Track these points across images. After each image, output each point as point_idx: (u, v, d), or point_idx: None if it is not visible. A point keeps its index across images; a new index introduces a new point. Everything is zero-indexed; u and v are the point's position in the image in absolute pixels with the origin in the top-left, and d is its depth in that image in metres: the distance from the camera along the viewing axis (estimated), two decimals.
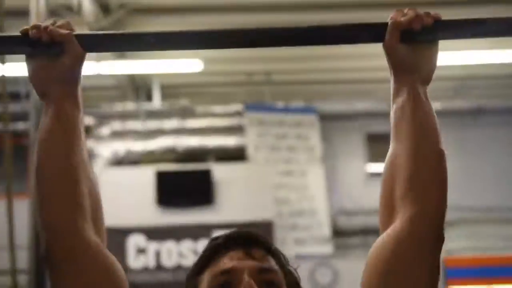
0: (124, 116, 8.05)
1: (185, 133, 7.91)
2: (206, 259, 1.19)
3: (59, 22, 1.22)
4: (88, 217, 1.14)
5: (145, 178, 7.30)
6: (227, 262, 1.14)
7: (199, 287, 1.17)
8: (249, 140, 7.88)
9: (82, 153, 1.18)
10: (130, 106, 8.15)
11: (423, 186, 1.13)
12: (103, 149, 7.83)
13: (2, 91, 4.99)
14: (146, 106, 8.08)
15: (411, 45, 1.20)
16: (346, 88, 7.68)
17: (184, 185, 7.24)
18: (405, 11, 1.20)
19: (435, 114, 1.19)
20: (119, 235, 7.01)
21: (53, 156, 1.15)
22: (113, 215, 7.13)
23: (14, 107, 5.32)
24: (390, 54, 1.21)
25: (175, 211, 7.10)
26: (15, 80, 6.50)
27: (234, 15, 6.29)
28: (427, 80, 1.23)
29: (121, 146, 7.84)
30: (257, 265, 1.14)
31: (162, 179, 7.24)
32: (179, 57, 6.95)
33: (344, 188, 8.36)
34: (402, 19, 1.18)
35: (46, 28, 1.19)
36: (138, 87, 8.17)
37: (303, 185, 7.76)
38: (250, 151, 7.81)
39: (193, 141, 7.83)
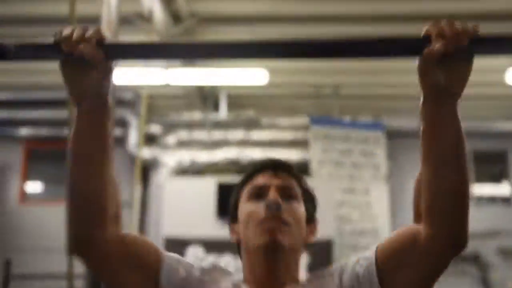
0: (191, 125, 8.10)
1: (249, 145, 7.87)
2: (247, 177, 1.57)
3: (90, 32, 1.26)
4: (112, 217, 1.33)
5: (207, 189, 7.30)
6: (260, 179, 1.53)
7: (241, 196, 1.54)
8: (313, 154, 7.76)
9: (111, 165, 1.33)
10: (197, 115, 8.20)
11: (438, 215, 1.30)
12: (169, 158, 7.91)
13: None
14: (212, 116, 8.12)
15: (445, 65, 1.19)
16: (415, 104, 7.45)
17: None
18: (442, 23, 1.16)
19: (460, 141, 1.26)
20: (178, 246, 7.02)
21: (87, 181, 1.30)
22: (175, 225, 7.19)
23: None
24: (423, 77, 1.25)
25: None
26: None
27: (302, 26, 6.22)
28: (458, 94, 1.24)
29: (186, 156, 7.89)
30: (281, 182, 1.51)
31: (223, 191, 7.22)
32: (246, 66, 6.94)
33: (409, 209, 8.06)
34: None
35: (76, 43, 1.25)
36: (206, 97, 8.22)
37: (366, 204, 7.56)
38: (314, 166, 7.69)
39: (257, 154, 7.78)
